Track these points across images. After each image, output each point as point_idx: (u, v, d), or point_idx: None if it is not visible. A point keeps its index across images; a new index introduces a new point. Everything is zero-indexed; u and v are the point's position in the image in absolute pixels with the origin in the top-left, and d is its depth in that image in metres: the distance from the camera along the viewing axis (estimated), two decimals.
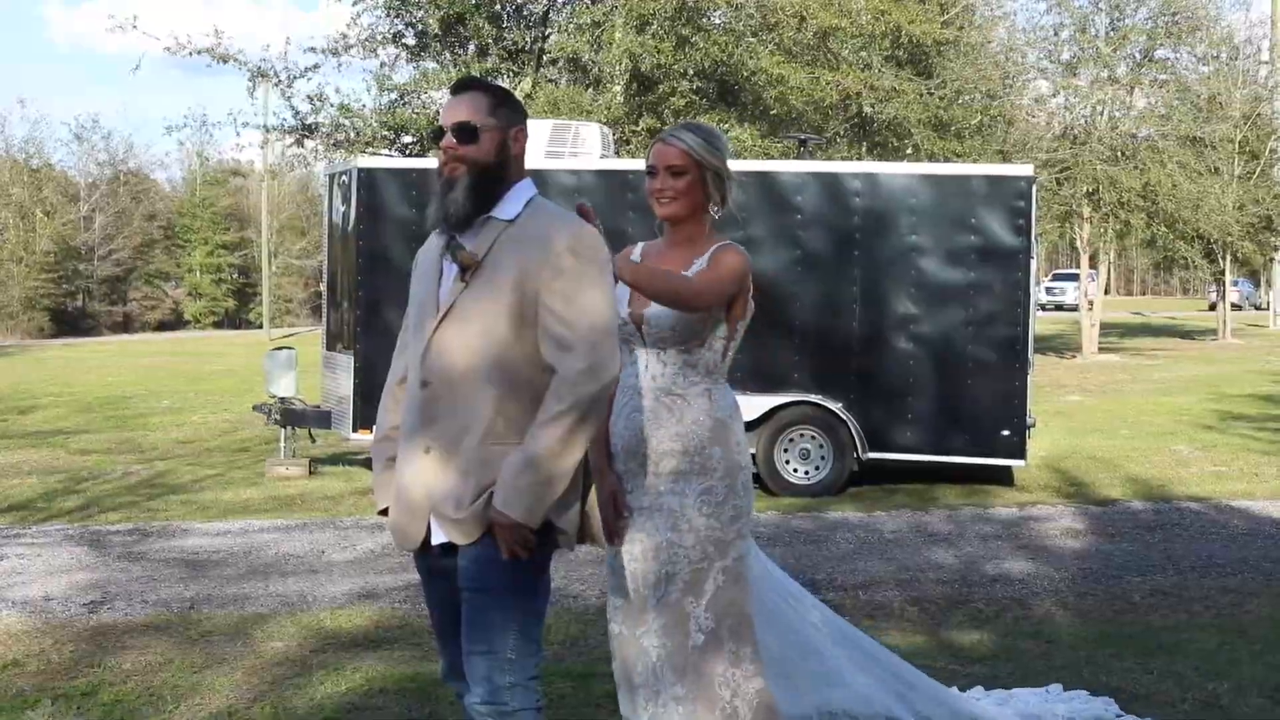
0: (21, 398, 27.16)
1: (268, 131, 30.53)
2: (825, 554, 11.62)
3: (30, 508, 14.07)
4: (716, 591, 5.26)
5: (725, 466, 5.31)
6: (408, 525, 4.74)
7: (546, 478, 4.50)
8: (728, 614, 5.27)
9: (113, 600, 9.88)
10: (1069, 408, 24.01)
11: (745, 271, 5.42)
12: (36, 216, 70.61)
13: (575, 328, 4.53)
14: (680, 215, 5.36)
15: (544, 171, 15.15)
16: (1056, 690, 7.08)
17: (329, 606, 9.66)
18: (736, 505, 5.33)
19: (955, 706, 6.36)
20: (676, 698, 5.25)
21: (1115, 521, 13.07)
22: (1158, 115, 35.85)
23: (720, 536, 5.28)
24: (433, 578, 4.84)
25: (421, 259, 4.87)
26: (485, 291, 4.59)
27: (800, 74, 29.56)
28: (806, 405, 14.97)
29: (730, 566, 5.30)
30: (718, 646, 5.25)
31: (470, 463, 4.57)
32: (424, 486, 4.65)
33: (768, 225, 14.96)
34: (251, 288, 78.72)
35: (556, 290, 4.54)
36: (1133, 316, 66.11)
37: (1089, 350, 37.79)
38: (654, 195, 5.37)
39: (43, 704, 7.24)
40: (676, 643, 5.25)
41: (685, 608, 5.25)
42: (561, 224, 4.65)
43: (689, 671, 5.24)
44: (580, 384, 4.49)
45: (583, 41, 27.50)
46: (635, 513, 5.31)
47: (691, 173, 5.32)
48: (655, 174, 5.35)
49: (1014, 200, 14.71)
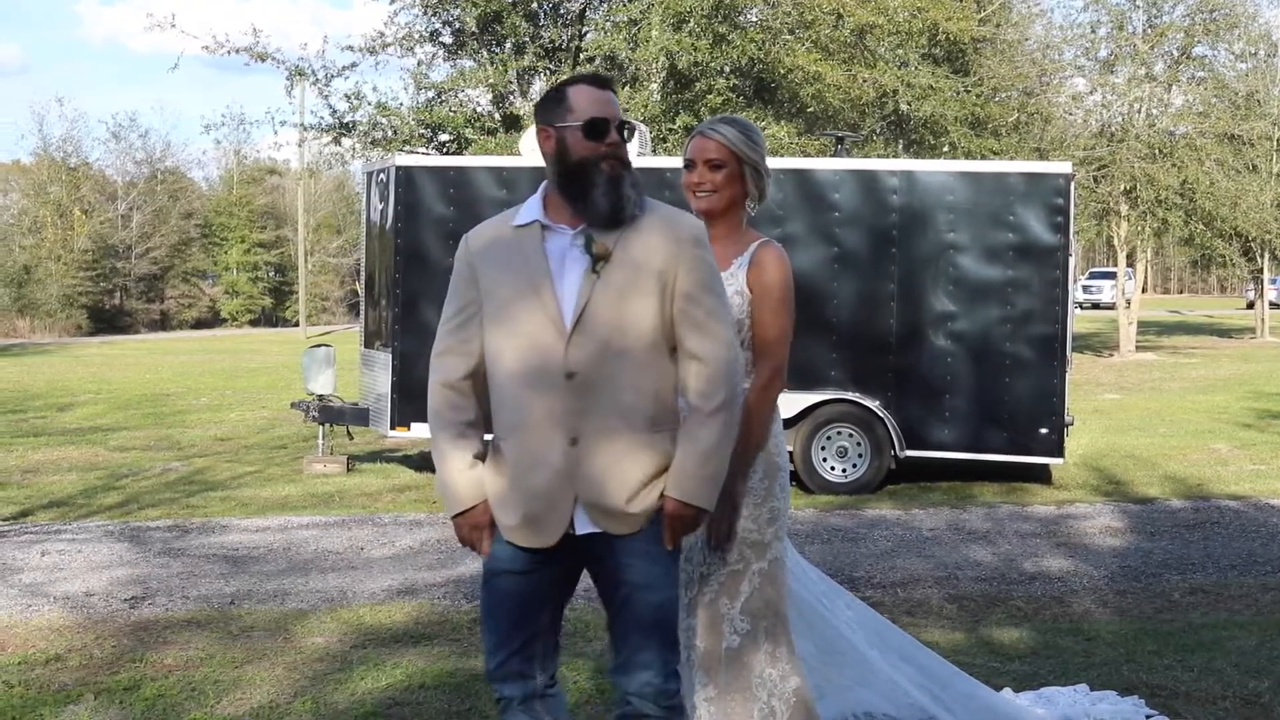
0: (60, 395, 27.30)
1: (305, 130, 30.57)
2: (863, 551, 11.60)
3: (70, 504, 14.15)
4: (752, 594, 5.25)
5: (765, 467, 5.29)
6: (545, 519, 4.62)
7: (720, 466, 4.60)
8: (763, 615, 5.26)
9: (154, 596, 9.92)
10: (1107, 406, 23.94)
11: (789, 278, 5.41)
12: (74, 215, 70.85)
13: (718, 317, 4.61)
14: (717, 209, 5.33)
15: None
16: (1084, 690, 7.06)
17: (369, 602, 9.68)
18: (774, 507, 5.31)
19: (989, 703, 6.35)
20: (708, 699, 5.24)
21: (1154, 520, 13.03)
22: (1195, 113, 35.68)
23: (757, 539, 5.26)
24: (544, 570, 4.72)
25: (493, 252, 4.74)
26: (624, 282, 4.57)
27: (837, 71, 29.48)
28: (844, 403, 14.95)
29: (766, 569, 5.28)
30: (754, 648, 5.24)
31: (634, 451, 4.57)
32: (571, 478, 4.57)
33: (806, 223, 14.95)
34: (287, 286, 78.93)
35: (695, 280, 4.59)
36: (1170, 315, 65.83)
37: (1126, 348, 37.64)
38: (691, 189, 5.34)
39: (85, 698, 7.28)
40: (709, 645, 5.24)
41: (720, 609, 5.24)
42: (679, 217, 4.70)
43: (721, 673, 5.23)
44: (731, 373, 4.59)
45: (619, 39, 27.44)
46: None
47: (730, 166, 5.30)
48: (693, 167, 5.33)
49: (1052, 198, 14.66)
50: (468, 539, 4.76)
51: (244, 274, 78.94)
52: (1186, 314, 68.14)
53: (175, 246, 77.59)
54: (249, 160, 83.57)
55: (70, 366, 37.00)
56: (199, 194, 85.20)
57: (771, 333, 5.30)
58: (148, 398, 26.52)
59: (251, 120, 76.45)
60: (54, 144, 73.91)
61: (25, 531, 12.59)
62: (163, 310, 77.79)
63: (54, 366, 37.04)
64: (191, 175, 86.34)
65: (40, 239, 69.71)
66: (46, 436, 20.08)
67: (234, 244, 78.83)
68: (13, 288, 67.90)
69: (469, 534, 4.74)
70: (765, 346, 5.29)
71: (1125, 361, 35.70)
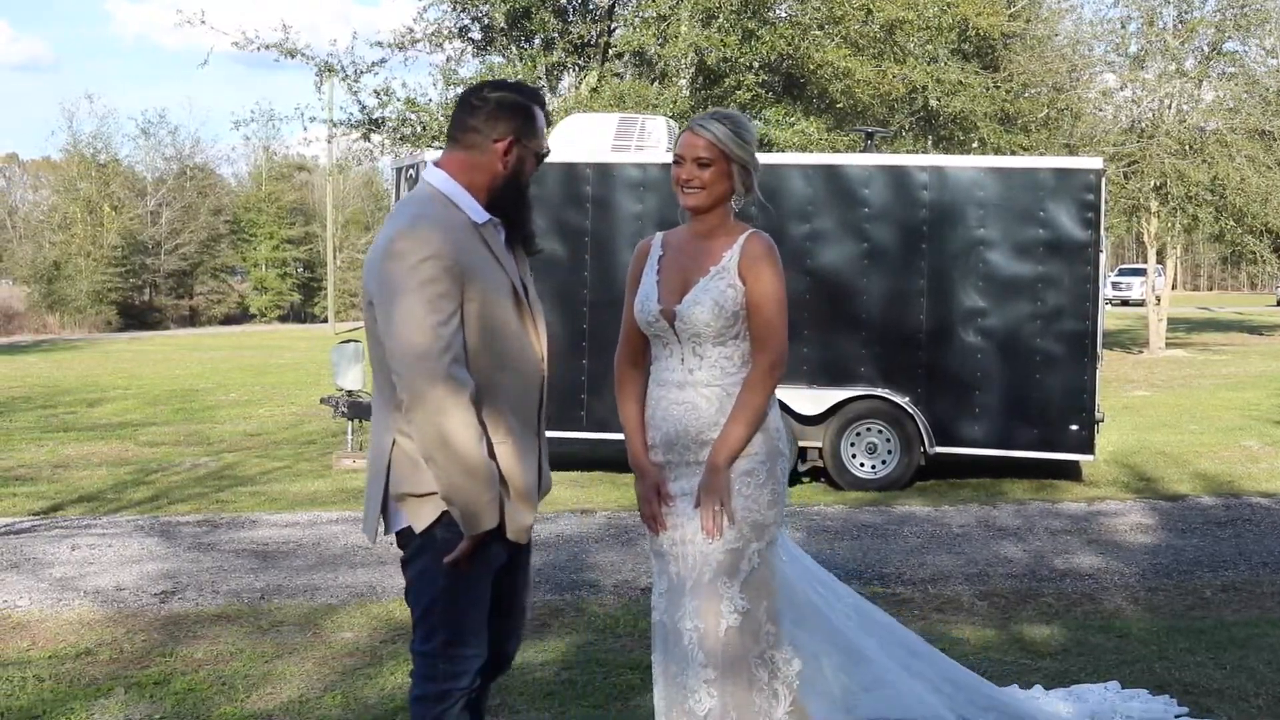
0: (90, 390, 27.38)
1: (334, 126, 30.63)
2: (893, 548, 11.57)
3: (100, 499, 14.19)
4: (751, 573, 5.28)
5: (765, 450, 5.32)
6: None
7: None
8: (763, 595, 5.29)
9: (184, 590, 9.94)
10: (1136, 402, 23.85)
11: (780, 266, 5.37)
12: (104, 211, 71.04)
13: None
14: (704, 206, 5.32)
15: (610, 165, 15.16)
16: (1115, 687, 7.02)
17: (398, 597, 9.65)
18: (775, 490, 5.35)
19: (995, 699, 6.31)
20: (707, 680, 5.24)
21: (1185, 517, 12.97)
22: (1226, 108, 35.48)
23: (758, 519, 5.29)
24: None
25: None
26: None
27: (866, 67, 29.43)
28: (874, 399, 14.90)
29: (764, 550, 5.31)
30: (754, 627, 5.27)
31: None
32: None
33: (835, 218, 14.91)
34: (316, 282, 79.01)
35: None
36: (1199, 311, 65.55)
37: (1156, 345, 37.49)
38: (679, 184, 5.34)
39: (115, 692, 7.30)
40: (709, 624, 5.24)
41: (719, 589, 5.24)
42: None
43: (720, 653, 5.23)
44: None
45: (648, 35, 27.44)
46: (679, 498, 5.33)
47: (718, 164, 5.29)
48: (682, 163, 5.32)
49: (1083, 193, 14.59)
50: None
51: (273, 270, 79.17)
52: (1216, 311, 67.86)
53: (204, 243, 77.77)
54: (278, 156, 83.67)
55: (100, 362, 37.11)
56: (228, 190, 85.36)
57: (768, 322, 5.27)
58: (177, 393, 26.58)
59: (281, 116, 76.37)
60: (84, 140, 74.14)
61: (56, 526, 12.62)
62: (192, 306, 78.03)
63: (84, 362, 37.15)
64: (220, 172, 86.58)
65: (70, 235, 69.94)
66: (77, 432, 20.14)
67: (263, 240, 79.03)
68: (43, 284, 68.20)
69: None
70: (763, 336, 5.28)
71: (1155, 358, 35.55)
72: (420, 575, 4.79)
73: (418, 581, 4.81)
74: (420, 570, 4.79)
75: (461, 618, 4.79)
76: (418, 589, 4.81)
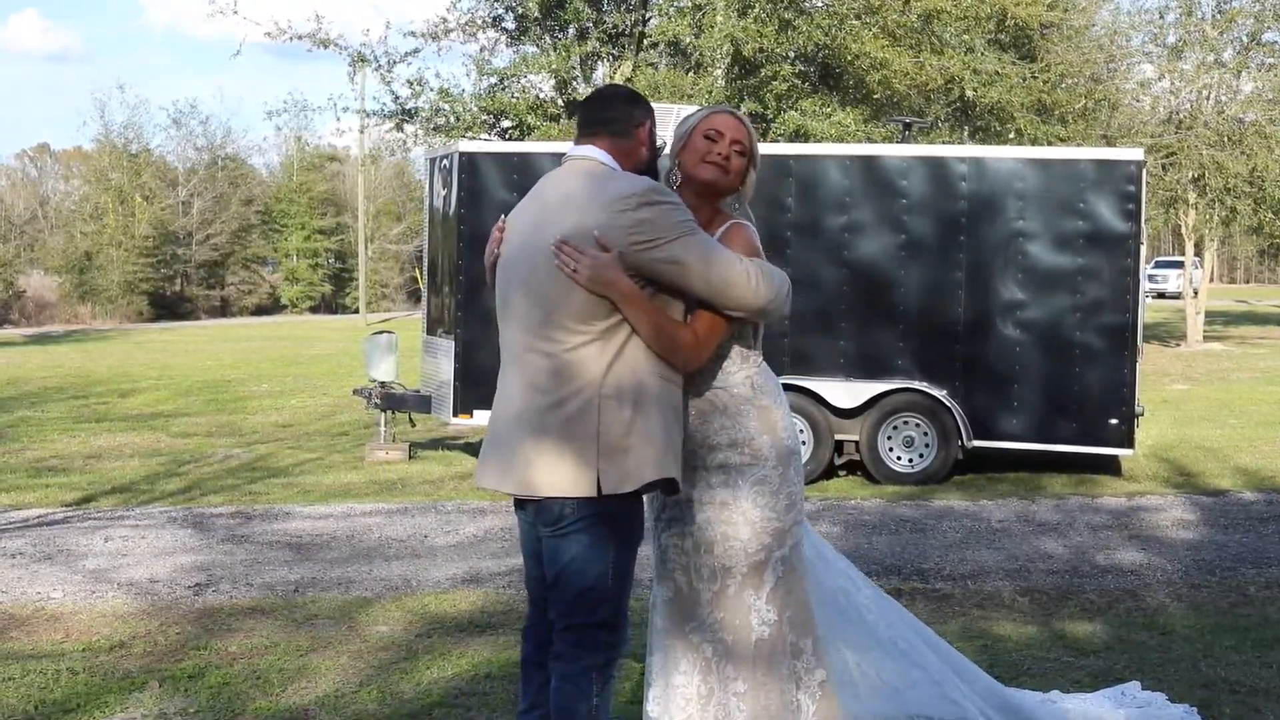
0: (122, 381, 27.42)
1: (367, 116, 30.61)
2: (932, 543, 11.46)
3: (133, 490, 14.16)
4: (776, 582, 5.19)
5: (776, 454, 5.21)
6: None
7: None
8: (788, 604, 5.21)
9: (218, 583, 9.89)
10: (1175, 396, 23.69)
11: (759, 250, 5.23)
12: (135, 201, 71.25)
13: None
14: (720, 188, 5.21)
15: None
16: (1133, 688, 6.86)
17: (433, 591, 9.62)
18: (790, 493, 5.24)
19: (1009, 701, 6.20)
20: (738, 694, 5.17)
21: (1227, 512, 12.84)
22: (1265, 99, 35.20)
23: (778, 526, 5.20)
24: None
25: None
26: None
27: (903, 57, 29.23)
28: (911, 392, 14.78)
29: (787, 555, 5.22)
30: (780, 639, 5.19)
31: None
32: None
33: (873, 210, 14.79)
34: (348, 273, 79.08)
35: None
36: (1237, 304, 65.26)
37: (1194, 338, 37.29)
38: (708, 157, 5.17)
39: (149, 686, 7.24)
40: (737, 638, 5.17)
41: (745, 600, 5.17)
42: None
43: (749, 667, 5.17)
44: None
45: (684, 25, 27.31)
46: (685, 505, 5.22)
47: (747, 156, 5.24)
48: (718, 139, 5.19)
49: (1123, 184, 14.44)
50: None
51: (304, 260, 79.26)
52: (1254, 304, 67.53)
53: (236, 233, 78.03)
54: (310, 147, 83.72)
55: (131, 352, 37.21)
56: (259, 181, 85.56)
57: (705, 332, 5.04)
58: (209, 384, 26.61)
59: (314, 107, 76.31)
60: (115, 131, 74.34)
61: (89, 517, 12.60)
62: (223, 297, 78.28)
63: (115, 353, 37.25)
64: (252, 162, 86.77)
65: (101, 226, 70.23)
66: (109, 422, 20.15)
67: (294, 230, 79.15)
68: (74, 274, 68.49)
69: None
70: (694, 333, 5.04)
71: (1193, 352, 35.36)
72: (590, 546, 4.86)
73: (588, 551, 4.87)
74: (591, 541, 4.86)
75: (623, 591, 5.00)
76: (588, 559, 4.88)
